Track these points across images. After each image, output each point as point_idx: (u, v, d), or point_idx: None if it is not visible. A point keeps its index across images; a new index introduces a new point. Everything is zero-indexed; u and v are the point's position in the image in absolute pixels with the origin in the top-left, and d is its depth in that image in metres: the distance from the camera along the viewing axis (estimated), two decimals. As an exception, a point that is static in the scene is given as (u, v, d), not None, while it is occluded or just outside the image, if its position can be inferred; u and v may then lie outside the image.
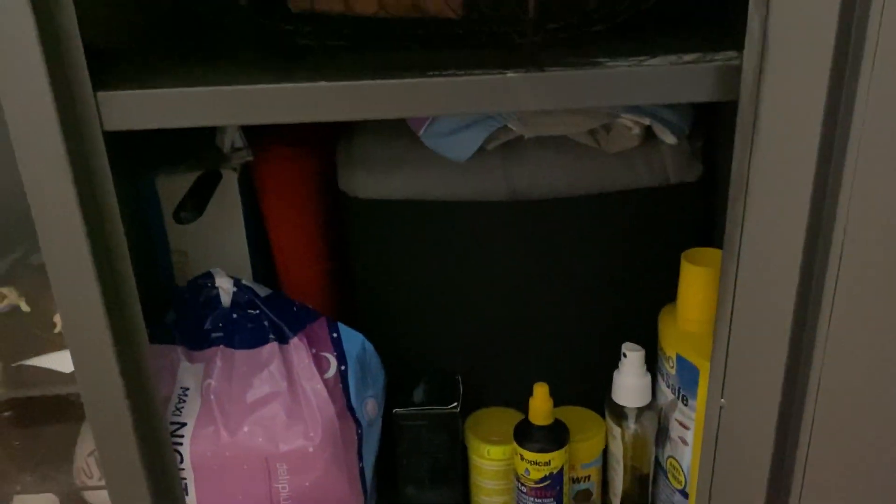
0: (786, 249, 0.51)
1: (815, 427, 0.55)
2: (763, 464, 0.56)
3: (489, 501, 0.74)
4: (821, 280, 0.52)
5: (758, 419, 0.56)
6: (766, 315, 0.54)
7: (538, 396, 0.68)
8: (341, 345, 0.67)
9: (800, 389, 0.55)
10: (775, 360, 0.54)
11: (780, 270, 0.52)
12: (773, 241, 0.52)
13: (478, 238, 0.71)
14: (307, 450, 0.62)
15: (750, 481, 0.58)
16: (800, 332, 0.53)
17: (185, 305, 0.67)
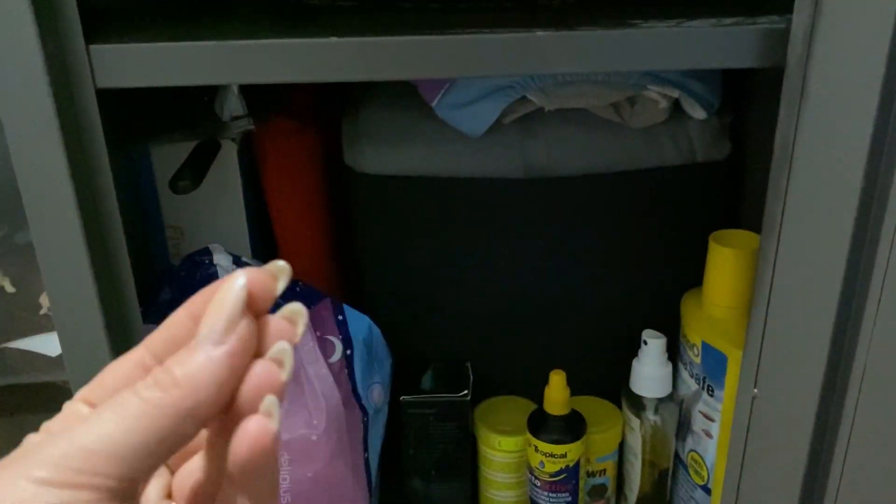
0: (833, 227, 0.48)
1: (856, 421, 0.51)
2: (799, 459, 0.53)
3: (499, 495, 0.70)
4: (870, 261, 0.48)
5: (794, 411, 0.52)
6: (808, 298, 0.50)
7: (554, 385, 0.64)
8: (347, 328, 0.63)
9: (841, 380, 0.51)
10: (816, 348, 0.51)
11: (826, 250, 0.48)
12: (819, 218, 0.48)
13: (491, 217, 0.67)
14: (310, 438, 0.58)
15: (783, 478, 0.54)
16: (845, 318, 0.50)
17: (180, 284, 0.63)
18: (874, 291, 0.48)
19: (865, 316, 0.49)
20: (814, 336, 0.51)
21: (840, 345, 0.51)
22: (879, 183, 0.47)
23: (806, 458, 0.53)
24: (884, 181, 0.46)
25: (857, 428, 0.51)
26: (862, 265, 0.48)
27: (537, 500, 0.66)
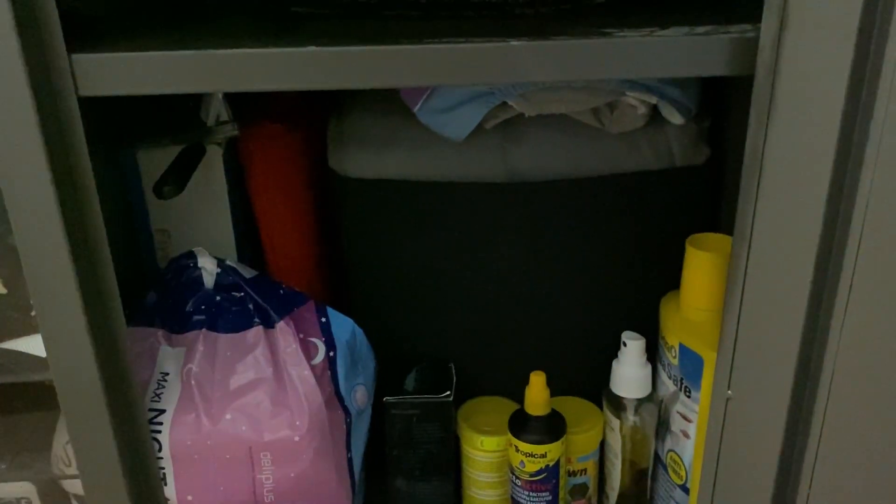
0: (801, 233, 0.49)
1: (826, 421, 0.52)
2: (771, 458, 0.54)
3: (482, 494, 0.71)
4: (838, 266, 0.49)
5: (766, 412, 0.54)
6: (778, 302, 0.51)
7: (535, 385, 0.65)
8: (330, 330, 0.64)
9: (812, 381, 0.52)
10: (787, 351, 0.52)
11: (795, 255, 0.49)
12: (789, 224, 0.49)
13: (474, 220, 0.68)
14: (293, 439, 0.59)
15: (756, 476, 0.55)
16: (814, 321, 0.51)
17: (165, 286, 0.64)
18: (842, 294, 0.49)
19: (834, 317, 0.50)
20: (784, 338, 0.52)
21: (810, 346, 0.52)
22: (846, 188, 0.48)
23: (778, 457, 0.54)
24: (850, 186, 0.47)
25: (827, 427, 0.52)
26: (830, 268, 0.49)
27: (518, 499, 0.67)
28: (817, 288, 0.50)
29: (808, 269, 0.50)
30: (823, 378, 0.52)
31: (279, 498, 0.60)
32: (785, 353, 0.52)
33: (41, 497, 0.70)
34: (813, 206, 0.48)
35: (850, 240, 0.48)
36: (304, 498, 0.61)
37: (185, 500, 0.60)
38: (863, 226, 0.47)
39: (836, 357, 0.51)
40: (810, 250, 0.49)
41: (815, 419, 0.52)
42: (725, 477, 0.57)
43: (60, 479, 0.69)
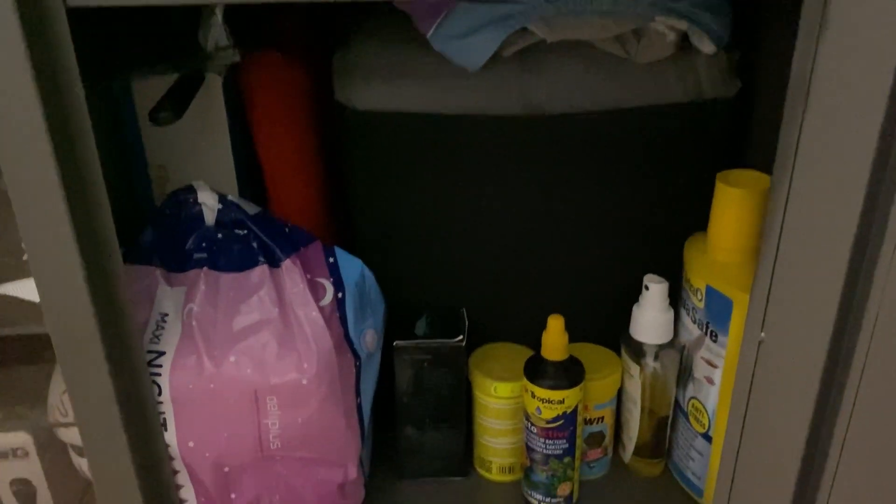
0: (850, 163, 0.45)
1: (867, 365, 0.49)
2: (806, 405, 0.51)
3: (494, 442, 0.69)
4: (889, 198, 0.45)
5: (803, 356, 0.51)
6: (820, 238, 0.48)
7: (552, 329, 0.62)
8: (338, 270, 0.61)
9: (853, 323, 0.49)
10: (828, 290, 0.48)
11: (842, 187, 0.46)
12: (836, 153, 0.45)
13: (488, 156, 0.64)
14: (300, 382, 0.56)
15: (789, 422, 0.52)
16: (859, 259, 0.47)
17: (164, 223, 0.60)
18: (892, 230, 0.46)
19: (881, 256, 0.47)
20: (825, 278, 0.48)
21: (853, 287, 0.48)
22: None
23: (813, 404, 0.51)
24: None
25: (868, 372, 0.49)
26: (880, 202, 0.46)
27: (533, 446, 0.64)
28: (864, 223, 0.47)
29: (857, 202, 0.46)
30: (867, 320, 0.48)
31: (285, 444, 0.58)
32: (825, 294, 0.49)
33: (38, 447, 0.68)
34: (864, 134, 0.45)
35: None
36: (312, 444, 0.58)
37: (186, 446, 0.57)
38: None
39: (881, 298, 0.48)
40: (859, 183, 0.46)
41: (856, 364, 0.49)
42: (754, 424, 0.54)
43: (57, 429, 0.67)
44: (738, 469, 0.57)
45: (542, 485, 0.65)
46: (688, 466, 0.67)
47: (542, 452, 0.64)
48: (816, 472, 0.54)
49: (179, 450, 0.57)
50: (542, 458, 0.64)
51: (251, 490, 0.60)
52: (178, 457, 0.58)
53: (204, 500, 0.60)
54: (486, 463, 0.70)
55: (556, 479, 0.65)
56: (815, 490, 0.54)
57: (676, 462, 0.69)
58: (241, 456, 0.58)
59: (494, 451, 0.69)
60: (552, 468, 0.64)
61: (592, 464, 0.70)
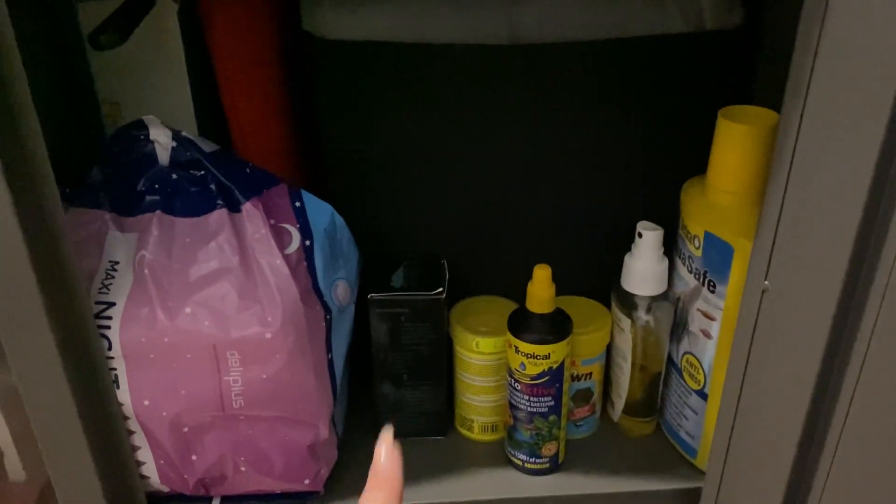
0: (870, 92, 0.40)
1: (881, 315, 0.45)
2: (812, 357, 0.47)
3: (476, 400, 0.65)
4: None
5: (810, 306, 0.46)
6: (833, 178, 0.43)
7: (539, 280, 0.57)
8: (306, 216, 0.56)
9: (867, 270, 0.45)
10: (840, 235, 0.44)
11: (860, 120, 0.41)
12: (854, 81, 0.40)
13: (471, 91, 0.59)
14: (264, 336, 0.51)
15: (793, 377, 0.49)
16: (876, 201, 0.43)
17: (113, 162, 0.55)
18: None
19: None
20: (838, 221, 0.44)
21: (868, 231, 0.44)
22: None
23: (821, 358, 0.47)
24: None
25: (881, 324, 0.45)
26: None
27: (517, 404, 0.60)
28: (884, 160, 0.42)
29: (876, 138, 0.41)
30: (882, 266, 0.44)
31: (249, 402, 0.53)
32: (837, 238, 0.44)
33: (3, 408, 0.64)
34: (888, 61, 0.40)
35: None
36: (278, 403, 0.54)
37: (140, 404, 0.53)
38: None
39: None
40: (880, 116, 0.41)
41: (868, 313, 0.45)
42: (755, 378, 0.50)
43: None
44: (736, 428, 0.53)
45: (525, 444, 0.61)
46: (681, 426, 0.63)
47: (527, 410, 0.60)
48: (821, 432, 0.50)
49: (134, 409, 0.53)
50: (526, 416, 0.60)
51: (214, 451, 0.56)
52: (133, 416, 0.54)
53: (163, 462, 0.56)
54: (468, 422, 0.66)
55: (540, 438, 0.61)
56: (819, 450, 0.51)
57: (669, 421, 0.65)
58: (202, 415, 0.54)
59: (476, 409, 0.65)
60: (537, 427, 0.60)
61: (580, 423, 0.66)
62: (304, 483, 0.59)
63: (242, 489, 0.58)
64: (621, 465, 0.64)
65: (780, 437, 0.51)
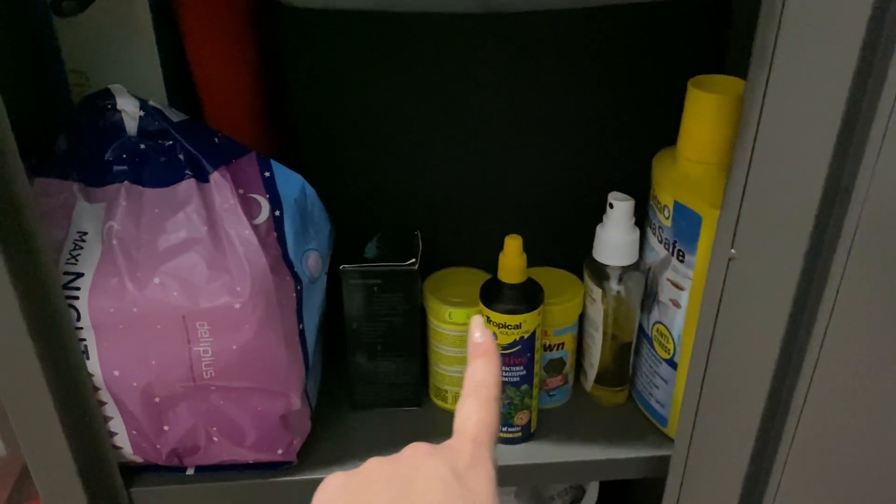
0: (834, 60, 0.41)
1: (843, 284, 0.45)
2: (777, 325, 0.48)
3: (450, 371, 0.65)
4: (872, 106, 0.41)
5: (775, 274, 0.47)
6: (798, 147, 0.43)
7: (509, 250, 0.58)
8: (275, 186, 0.56)
9: (830, 237, 0.45)
10: (804, 204, 0.44)
11: (823, 88, 0.41)
12: (818, 49, 0.41)
13: (442, 60, 0.59)
14: (233, 307, 0.51)
15: (759, 344, 0.49)
16: (838, 170, 0.43)
17: (79, 132, 0.54)
18: (874, 143, 0.42)
19: (863, 166, 0.43)
20: (802, 190, 0.44)
21: (831, 201, 0.44)
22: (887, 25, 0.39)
23: (785, 325, 0.47)
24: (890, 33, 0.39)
25: (844, 290, 0.46)
26: (864, 107, 0.42)
27: (489, 375, 0.61)
28: (846, 131, 0.42)
29: (838, 107, 0.42)
30: (845, 235, 0.45)
31: (220, 372, 0.53)
32: (801, 207, 0.45)
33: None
34: (849, 30, 0.40)
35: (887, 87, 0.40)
36: (249, 373, 0.54)
37: (111, 375, 0.53)
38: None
39: (861, 210, 0.44)
40: (842, 84, 0.41)
41: (831, 282, 0.46)
42: (721, 346, 0.51)
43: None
44: (704, 395, 0.54)
45: (498, 414, 0.62)
46: (651, 394, 0.64)
47: (499, 380, 0.60)
48: (786, 398, 0.51)
49: (104, 379, 0.53)
50: (498, 386, 0.61)
51: (185, 421, 0.56)
52: (104, 387, 0.54)
53: (135, 432, 0.56)
54: (442, 392, 0.67)
55: (513, 407, 0.61)
56: (784, 416, 0.51)
57: (640, 390, 0.66)
58: (172, 385, 0.54)
59: (450, 379, 0.66)
60: (509, 396, 0.61)
61: (552, 392, 0.66)
62: (278, 453, 0.59)
63: (216, 459, 0.59)
64: (593, 433, 0.65)
65: (747, 404, 0.52)
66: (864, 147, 0.43)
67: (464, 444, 0.37)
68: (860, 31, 0.40)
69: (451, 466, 0.35)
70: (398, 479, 0.35)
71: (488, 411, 0.38)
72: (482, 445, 0.37)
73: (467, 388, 0.40)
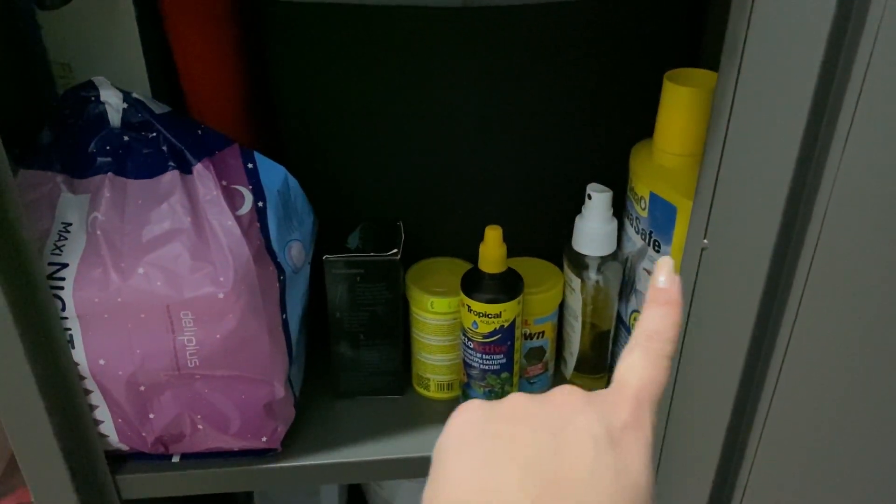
0: (801, 56, 0.42)
1: (811, 275, 0.47)
2: (748, 312, 0.49)
3: (432, 359, 0.66)
4: (838, 101, 0.42)
5: (746, 263, 0.48)
6: (767, 139, 0.44)
7: (490, 240, 0.59)
8: (258, 177, 0.56)
9: (799, 228, 0.46)
10: (773, 195, 0.46)
11: (792, 84, 0.42)
12: (787, 44, 0.42)
13: (423, 53, 0.59)
14: (216, 296, 0.52)
15: (731, 331, 0.50)
16: (806, 163, 0.44)
17: (63, 123, 0.55)
18: (840, 136, 0.43)
19: (829, 159, 0.44)
20: (772, 181, 0.45)
21: (798, 194, 0.46)
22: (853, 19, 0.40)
23: (756, 312, 0.49)
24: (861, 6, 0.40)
25: (812, 279, 0.47)
26: (829, 103, 0.43)
27: (471, 362, 0.62)
28: (813, 124, 0.43)
29: (805, 103, 0.43)
30: (812, 226, 0.46)
31: (204, 361, 0.54)
32: (770, 198, 0.46)
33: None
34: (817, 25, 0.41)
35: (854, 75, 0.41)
36: (233, 362, 0.55)
37: (96, 364, 0.53)
38: (870, 58, 0.40)
39: (827, 205, 0.45)
40: (808, 80, 0.42)
41: (799, 273, 0.47)
42: (696, 334, 0.52)
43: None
44: (678, 382, 0.55)
45: (479, 401, 0.63)
46: (629, 381, 0.65)
47: (480, 368, 0.62)
48: (757, 384, 0.52)
49: (90, 368, 0.54)
50: (479, 373, 0.62)
51: (171, 409, 0.57)
52: (90, 376, 0.54)
53: (121, 420, 0.57)
54: (424, 380, 0.68)
55: (493, 394, 0.63)
56: (756, 402, 0.53)
57: (619, 377, 0.67)
58: (157, 374, 0.54)
59: (432, 367, 0.67)
60: (489, 384, 0.62)
61: (533, 380, 0.68)
62: (262, 441, 0.60)
63: (201, 447, 0.60)
64: (572, 420, 0.66)
65: (718, 390, 0.53)
66: (832, 140, 0.44)
67: (624, 400, 0.32)
68: (826, 25, 0.41)
69: (606, 424, 0.31)
70: (546, 430, 0.31)
71: (657, 368, 0.33)
72: (644, 405, 0.32)
73: (637, 337, 0.35)
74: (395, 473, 0.65)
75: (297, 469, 0.62)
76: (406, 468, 0.64)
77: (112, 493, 0.61)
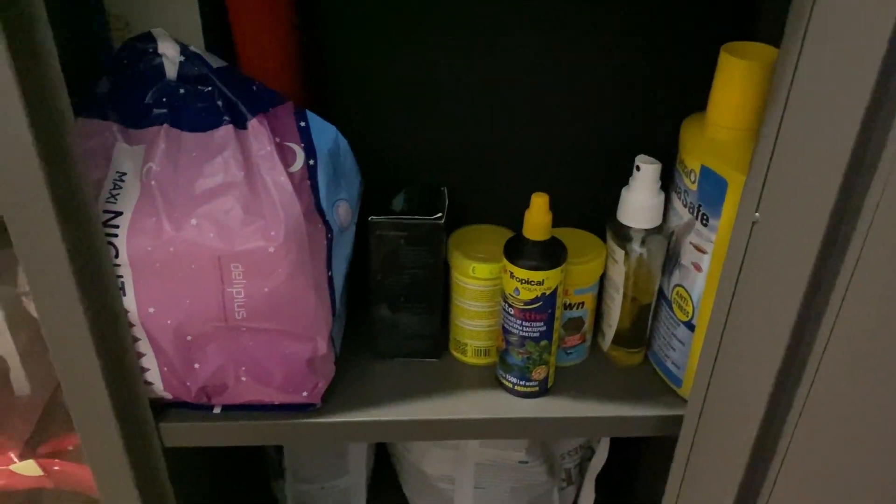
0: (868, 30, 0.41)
1: (864, 251, 0.46)
2: (796, 289, 0.49)
3: (470, 324, 0.67)
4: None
5: (796, 238, 0.48)
6: (826, 116, 0.44)
7: (536, 207, 0.59)
8: (310, 136, 0.57)
9: (853, 206, 0.46)
10: (829, 171, 0.45)
11: (856, 59, 0.42)
12: (853, 20, 0.41)
13: (476, 18, 0.59)
14: (267, 250, 0.53)
15: (776, 309, 0.50)
16: (866, 140, 0.44)
17: (121, 74, 0.55)
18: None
19: (890, 135, 0.43)
20: (828, 157, 0.45)
21: (856, 169, 0.45)
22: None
23: (804, 289, 0.48)
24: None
25: (865, 257, 0.46)
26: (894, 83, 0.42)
27: (510, 328, 0.62)
28: (876, 99, 0.43)
29: (870, 77, 0.42)
30: (868, 202, 0.45)
31: (251, 314, 0.55)
32: (826, 174, 0.45)
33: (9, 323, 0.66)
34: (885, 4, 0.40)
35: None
36: (280, 315, 0.56)
37: (146, 312, 0.55)
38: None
39: (887, 178, 0.44)
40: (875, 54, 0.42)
41: (852, 249, 0.47)
42: (740, 309, 0.52)
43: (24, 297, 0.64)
44: (720, 358, 0.55)
45: (516, 367, 0.64)
46: (668, 356, 0.65)
47: (519, 335, 0.62)
48: (799, 363, 0.52)
49: (139, 316, 0.55)
50: (518, 340, 0.62)
51: (215, 360, 0.58)
52: (139, 323, 0.55)
53: (166, 369, 0.58)
54: (462, 345, 0.68)
55: (531, 361, 0.63)
56: (797, 382, 0.53)
57: (656, 352, 0.67)
58: (205, 325, 0.56)
59: (470, 333, 0.67)
60: (528, 351, 0.62)
61: (570, 350, 0.68)
62: (303, 395, 0.61)
63: (243, 398, 0.61)
64: (608, 391, 0.66)
65: (761, 367, 0.53)
66: (893, 120, 0.43)
67: None
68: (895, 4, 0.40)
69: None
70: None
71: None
72: None
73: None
74: (429, 435, 0.66)
75: (335, 425, 0.63)
76: (440, 430, 0.65)
77: (155, 441, 0.62)
